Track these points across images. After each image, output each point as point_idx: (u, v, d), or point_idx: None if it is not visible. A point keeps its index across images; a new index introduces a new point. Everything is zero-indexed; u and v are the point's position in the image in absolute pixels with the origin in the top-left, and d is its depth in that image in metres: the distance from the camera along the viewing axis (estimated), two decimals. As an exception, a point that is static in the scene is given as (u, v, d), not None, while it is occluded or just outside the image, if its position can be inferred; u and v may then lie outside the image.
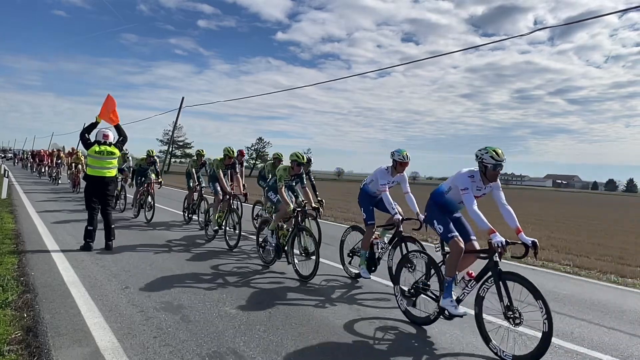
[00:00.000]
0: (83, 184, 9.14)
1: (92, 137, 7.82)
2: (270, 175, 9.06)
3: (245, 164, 14.14)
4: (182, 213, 12.03)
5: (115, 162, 7.87)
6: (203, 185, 11.21)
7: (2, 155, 73.67)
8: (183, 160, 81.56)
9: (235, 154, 9.77)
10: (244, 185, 9.72)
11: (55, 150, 30.97)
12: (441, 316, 4.55)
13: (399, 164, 6.00)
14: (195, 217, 11.26)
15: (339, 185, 57.36)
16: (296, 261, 6.51)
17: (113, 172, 7.84)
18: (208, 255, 7.58)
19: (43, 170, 30.16)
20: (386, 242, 6.17)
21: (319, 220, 8.28)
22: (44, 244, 7.57)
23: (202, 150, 11.49)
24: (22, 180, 25.02)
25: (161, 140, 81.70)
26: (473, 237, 4.75)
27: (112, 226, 7.70)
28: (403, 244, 5.90)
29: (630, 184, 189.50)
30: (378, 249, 6.12)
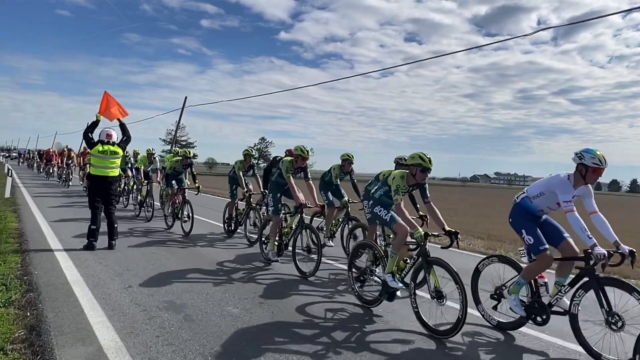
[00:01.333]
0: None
1: (95, 136, 7.85)
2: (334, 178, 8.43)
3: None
4: (222, 224, 10.07)
5: (118, 161, 7.89)
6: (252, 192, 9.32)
7: (7, 155, 73.66)
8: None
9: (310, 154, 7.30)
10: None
11: (65, 149, 27.18)
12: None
13: (592, 172, 4.14)
14: (240, 229, 9.49)
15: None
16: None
17: (116, 172, 7.87)
18: (211, 255, 7.58)
19: (51, 171, 27.88)
20: (565, 283, 4.32)
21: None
22: (47, 243, 7.59)
23: (251, 150, 9.81)
24: (29, 182, 23.11)
25: (164, 140, 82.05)
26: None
27: (115, 225, 7.72)
28: (599, 290, 3.97)
29: (634, 184, 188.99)
30: (545, 293, 4.46)
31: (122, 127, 8.27)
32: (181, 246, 8.23)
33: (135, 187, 13.35)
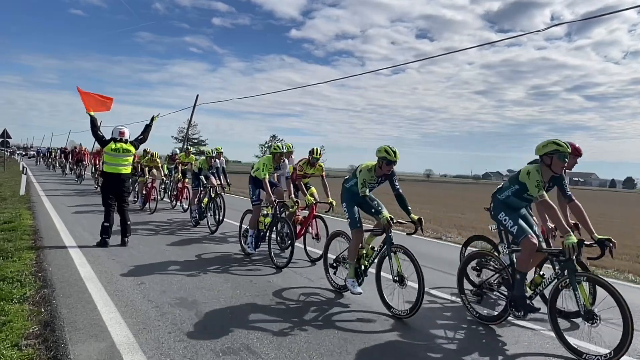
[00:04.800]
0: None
1: (107, 134, 7.92)
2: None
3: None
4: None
5: (130, 159, 7.95)
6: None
7: (24, 154, 74.21)
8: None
9: None
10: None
11: (78, 147, 25.99)
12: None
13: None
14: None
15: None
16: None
17: (129, 169, 7.93)
18: (223, 252, 7.61)
19: (82, 174, 22.55)
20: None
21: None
22: (61, 240, 7.67)
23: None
24: (56, 188, 17.94)
25: (176, 138, 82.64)
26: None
27: (128, 222, 7.78)
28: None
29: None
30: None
31: (146, 127, 8.40)
32: (193, 243, 8.27)
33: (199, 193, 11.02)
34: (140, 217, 11.29)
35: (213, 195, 9.87)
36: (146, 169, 13.71)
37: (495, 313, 4.77)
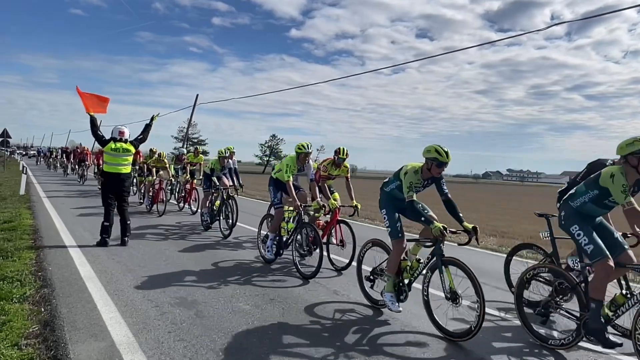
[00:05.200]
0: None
1: (106, 134, 7.93)
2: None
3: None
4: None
5: (130, 158, 7.96)
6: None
7: (24, 153, 74.14)
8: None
9: None
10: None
11: (79, 146, 26.05)
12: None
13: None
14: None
15: (352, 182, 57.22)
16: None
17: (128, 169, 7.94)
18: (223, 252, 7.61)
19: (84, 174, 22.30)
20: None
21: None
22: (61, 240, 7.67)
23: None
24: (59, 189, 17.80)
25: (176, 137, 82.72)
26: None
27: (128, 222, 7.79)
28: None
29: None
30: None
31: (146, 127, 8.39)
32: (193, 243, 8.27)
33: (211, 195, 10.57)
34: (148, 220, 11.06)
35: (225, 197, 9.36)
36: (153, 169, 13.26)
37: (564, 337, 4.01)
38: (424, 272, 4.48)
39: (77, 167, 24.24)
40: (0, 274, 5.29)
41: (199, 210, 10.50)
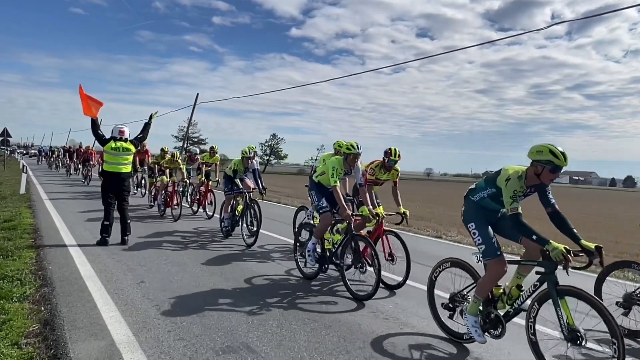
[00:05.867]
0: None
1: (106, 133, 7.94)
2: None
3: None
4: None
5: (130, 158, 7.96)
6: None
7: (24, 152, 74.03)
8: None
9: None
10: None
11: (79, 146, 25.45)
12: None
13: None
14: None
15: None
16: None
17: (128, 168, 7.94)
18: (223, 251, 7.61)
19: (89, 174, 21.53)
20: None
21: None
22: (61, 239, 7.68)
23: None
24: (62, 191, 16.61)
25: (176, 137, 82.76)
26: None
27: (128, 221, 7.79)
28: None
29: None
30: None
31: (145, 126, 8.40)
32: (193, 242, 8.27)
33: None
34: (162, 225, 10.22)
35: (249, 202, 8.50)
36: (167, 170, 11.99)
37: None
38: (529, 303, 3.65)
39: (81, 167, 23.59)
40: (0, 273, 5.30)
41: (218, 216, 9.29)
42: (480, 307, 3.94)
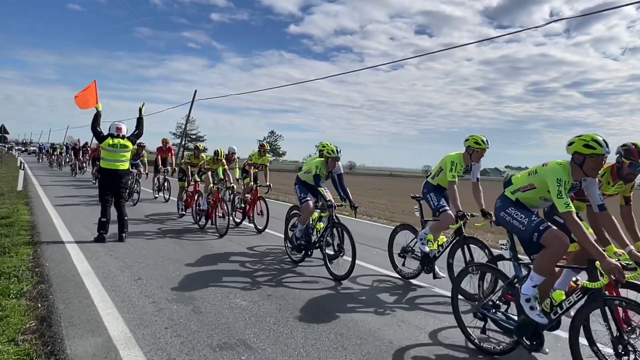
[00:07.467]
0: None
1: (104, 130, 7.92)
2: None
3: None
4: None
5: (128, 155, 7.95)
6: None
7: (23, 149, 73.67)
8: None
9: None
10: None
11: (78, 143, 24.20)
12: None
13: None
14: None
15: (351, 179, 57.28)
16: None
17: (126, 165, 7.93)
18: (220, 248, 7.60)
19: (98, 174, 17.39)
20: None
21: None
22: (59, 235, 7.67)
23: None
24: (69, 194, 13.92)
25: (174, 134, 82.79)
26: None
27: (125, 218, 7.79)
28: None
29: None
30: None
31: (139, 121, 8.35)
32: (191, 239, 8.27)
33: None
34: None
35: (336, 220, 6.49)
36: (209, 172, 9.99)
37: None
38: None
39: (90, 166, 21.43)
40: (-3, 270, 5.28)
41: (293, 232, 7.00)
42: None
